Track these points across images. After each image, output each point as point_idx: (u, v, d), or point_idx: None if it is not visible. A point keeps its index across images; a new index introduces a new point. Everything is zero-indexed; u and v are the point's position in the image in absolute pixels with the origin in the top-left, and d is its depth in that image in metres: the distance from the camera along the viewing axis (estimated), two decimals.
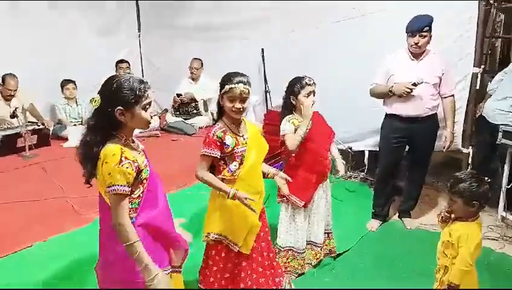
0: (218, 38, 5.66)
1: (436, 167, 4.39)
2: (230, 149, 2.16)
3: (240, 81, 2.11)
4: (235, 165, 2.20)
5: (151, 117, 1.71)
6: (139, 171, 1.62)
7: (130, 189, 1.60)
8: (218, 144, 2.15)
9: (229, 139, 2.16)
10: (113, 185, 1.56)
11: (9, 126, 4.59)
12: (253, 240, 2.29)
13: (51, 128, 5.01)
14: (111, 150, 1.57)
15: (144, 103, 1.63)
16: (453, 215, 2.17)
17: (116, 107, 1.59)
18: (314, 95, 2.66)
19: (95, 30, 6.13)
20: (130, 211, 1.64)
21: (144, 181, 1.67)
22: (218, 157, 2.17)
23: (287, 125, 2.68)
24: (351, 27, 4.30)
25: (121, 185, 1.56)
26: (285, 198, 2.74)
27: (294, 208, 2.77)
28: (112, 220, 1.60)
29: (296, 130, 2.65)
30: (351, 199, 4.09)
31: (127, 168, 1.56)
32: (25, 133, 4.26)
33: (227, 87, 2.11)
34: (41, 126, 4.78)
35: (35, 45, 5.29)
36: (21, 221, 2.86)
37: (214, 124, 2.27)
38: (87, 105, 5.17)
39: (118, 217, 1.59)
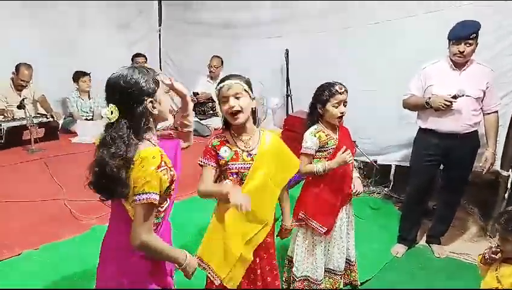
0: (241, 36, 5.41)
1: (467, 186, 4.03)
2: (223, 162, 1.87)
3: (228, 78, 1.85)
4: (227, 183, 1.87)
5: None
6: (171, 181, 1.42)
7: (159, 200, 1.39)
8: (213, 153, 1.88)
9: (225, 151, 1.87)
10: (146, 193, 1.33)
11: (15, 117, 4.40)
12: (242, 275, 1.93)
13: (61, 122, 4.82)
14: (151, 152, 1.36)
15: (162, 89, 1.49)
16: (498, 256, 1.83)
17: (146, 99, 1.41)
18: (345, 106, 2.32)
19: (113, 24, 6.00)
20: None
21: (171, 193, 1.46)
22: (214, 168, 1.89)
23: (309, 141, 2.35)
24: (385, 31, 4.01)
25: (151, 193, 1.34)
26: (304, 223, 2.42)
27: (314, 234, 2.44)
28: (135, 235, 1.37)
29: (321, 146, 2.35)
30: (374, 217, 3.75)
31: (164, 175, 1.36)
32: (31, 126, 4.04)
33: (218, 86, 1.86)
34: (50, 119, 4.57)
35: (52, 38, 5.20)
36: (12, 224, 2.61)
37: (221, 130, 2.00)
38: (101, 100, 5.00)
39: (145, 232, 1.37)
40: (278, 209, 2.15)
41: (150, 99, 1.41)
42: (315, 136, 2.35)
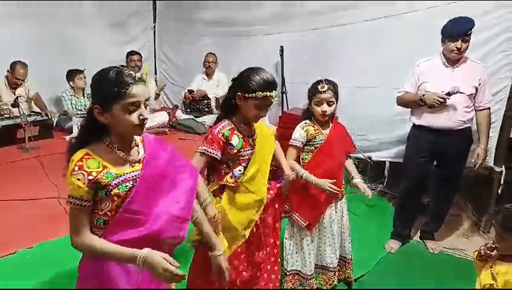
0: (236, 34, 5.41)
1: (461, 182, 4.06)
2: (235, 151, 1.87)
3: (274, 87, 1.84)
4: (240, 170, 1.92)
5: (143, 120, 1.38)
6: (103, 185, 1.36)
7: (86, 204, 1.36)
8: (222, 143, 1.85)
9: (235, 140, 1.87)
10: (68, 196, 1.36)
11: (9, 115, 4.38)
12: (231, 250, 1.98)
13: (55, 120, 4.80)
14: (74, 155, 1.36)
15: (126, 102, 1.33)
16: (494, 253, 1.84)
17: (94, 105, 1.37)
18: (330, 105, 2.32)
19: (108, 22, 5.98)
20: (94, 227, 1.42)
21: (115, 198, 1.39)
22: (218, 158, 1.87)
23: (297, 133, 2.40)
24: (380, 28, 4.01)
25: (72, 197, 1.35)
26: (288, 215, 2.46)
27: (301, 228, 2.47)
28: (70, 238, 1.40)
29: (308, 140, 2.39)
30: (368, 213, 3.77)
31: (78, 179, 1.32)
32: (25, 124, 4.03)
33: (260, 94, 1.80)
34: (44, 117, 4.56)
35: (44, 36, 5.19)
36: (6, 223, 2.61)
37: (219, 120, 1.95)
38: None
39: (73, 234, 1.39)
40: None
41: (97, 107, 1.36)
42: (303, 129, 2.39)
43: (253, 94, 1.80)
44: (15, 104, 4.15)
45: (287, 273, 2.52)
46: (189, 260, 2.57)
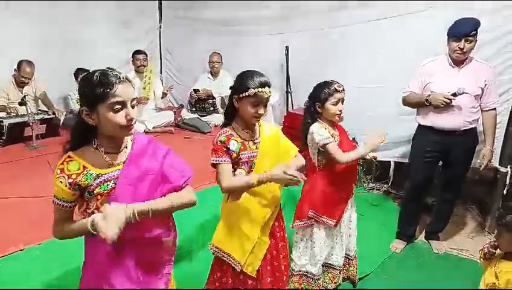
0: (241, 33, 5.44)
1: (466, 183, 4.06)
2: (235, 155, 1.91)
3: (266, 84, 1.86)
4: (241, 173, 1.94)
5: (130, 120, 1.40)
6: (83, 187, 1.41)
7: (67, 205, 1.44)
8: (224, 149, 1.89)
9: (233, 144, 1.90)
10: (54, 195, 1.44)
11: (16, 113, 4.42)
12: (261, 259, 2.01)
13: (62, 118, 4.83)
14: (61, 158, 1.42)
15: (111, 101, 1.35)
16: (498, 252, 1.85)
17: (82, 107, 1.40)
18: (342, 103, 2.36)
19: (114, 21, 6.01)
20: None
21: (99, 197, 1.43)
22: (229, 162, 1.90)
23: (325, 133, 2.35)
24: (385, 28, 4.03)
25: (56, 198, 1.44)
26: (313, 220, 2.44)
27: (318, 228, 2.47)
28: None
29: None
30: (373, 213, 3.78)
31: (60, 182, 1.39)
32: (32, 122, 4.06)
33: (252, 91, 1.83)
34: (51, 115, 4.59)
35: (51, 35, 5.23)
36: (15, 220, 2.65)
37: (222, 127, 2.01)
38: None
39: (53, 226, 1.49)
40: (282, 197, 2.17)
41: (85, 108, 1.39)
42: (325, 128, 2.37)
43: (246, 93, 1.84)
44: (22, 103, 4.18)
45: (295, 273, 2.52)
46: (193, 260, 2.63)
